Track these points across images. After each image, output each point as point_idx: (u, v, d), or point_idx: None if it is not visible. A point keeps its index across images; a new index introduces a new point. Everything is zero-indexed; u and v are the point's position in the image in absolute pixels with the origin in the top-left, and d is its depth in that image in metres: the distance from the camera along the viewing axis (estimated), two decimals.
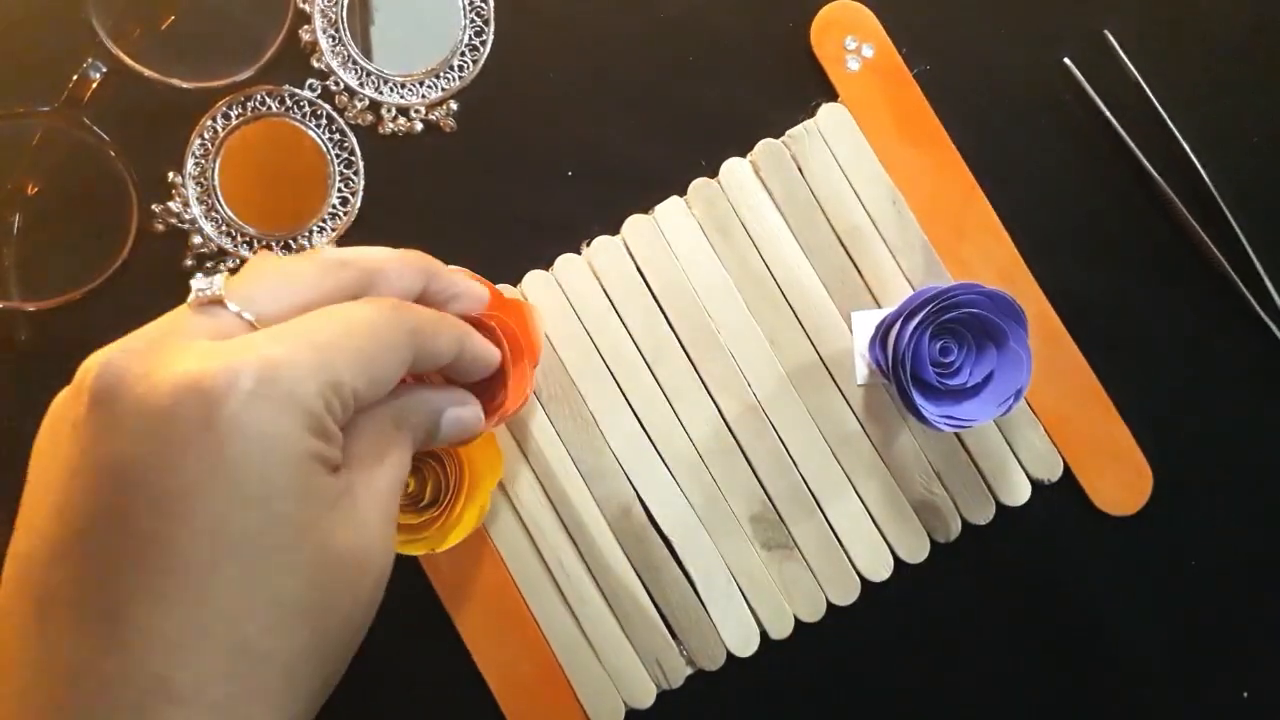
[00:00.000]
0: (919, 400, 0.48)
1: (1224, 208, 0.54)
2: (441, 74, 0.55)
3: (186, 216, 0.54)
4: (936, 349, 0.49)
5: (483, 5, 0.55)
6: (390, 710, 0.54)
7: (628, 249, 0.54)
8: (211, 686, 0.31)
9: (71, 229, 0.54)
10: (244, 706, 0.32)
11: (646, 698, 0.53)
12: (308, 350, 0.34)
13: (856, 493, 0.54)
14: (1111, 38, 0.55)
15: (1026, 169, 0.55)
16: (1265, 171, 0.55)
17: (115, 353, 0.33)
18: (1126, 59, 0.55)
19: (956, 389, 0.49)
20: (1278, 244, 0.55)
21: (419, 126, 0.55)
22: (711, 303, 0.54)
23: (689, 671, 0.54)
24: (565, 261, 0.54)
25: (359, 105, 0.54)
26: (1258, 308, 0.55)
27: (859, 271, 0.54)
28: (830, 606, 0.54)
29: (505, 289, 0.54)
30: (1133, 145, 0.55)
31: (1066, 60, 0.55)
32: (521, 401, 0.47)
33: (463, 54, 0.55)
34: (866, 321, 0.54)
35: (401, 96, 0.55)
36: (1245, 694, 0.55)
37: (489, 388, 0.46)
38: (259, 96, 0.54)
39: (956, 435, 0.54)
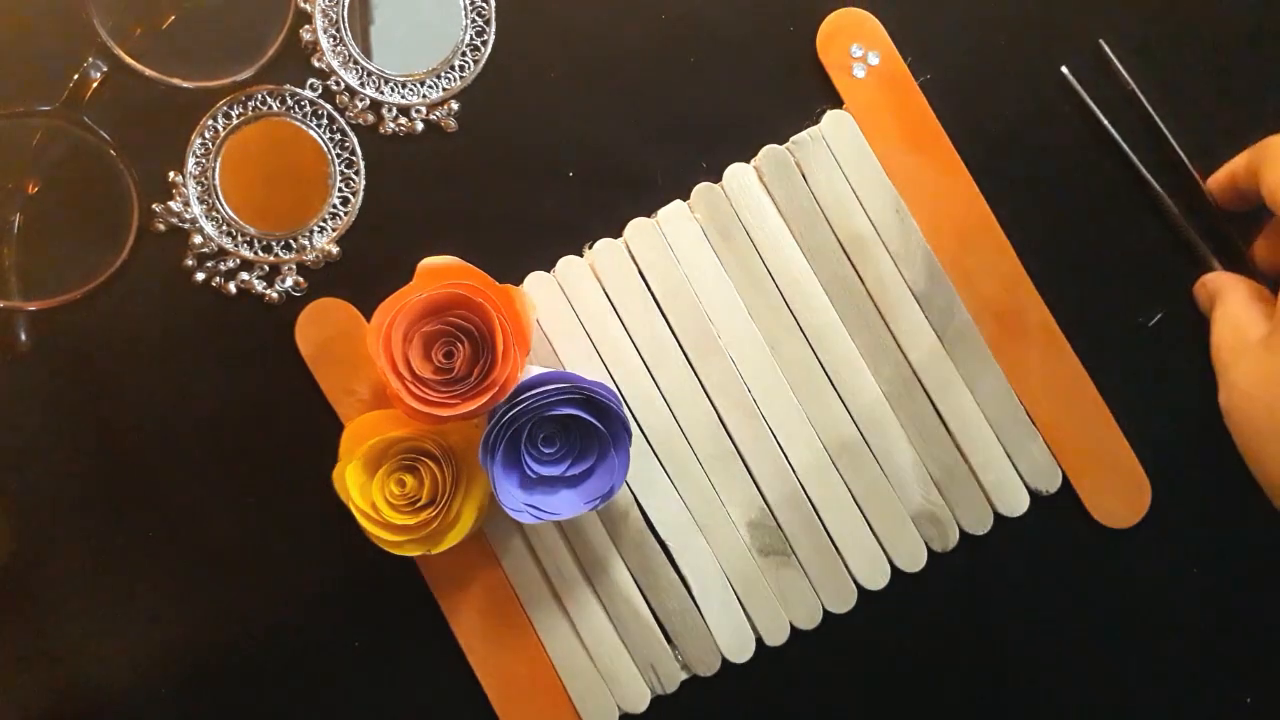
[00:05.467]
0: (504, 484, 0.48)
1: (1220, 215, 0.54)
2: (443, 74, 0.54)
3: (187, 216, 0.54)
4: (539, 439, 0.49)
5: (484, 5, 0.54)
6: (385, 711, 0.54)
7: (630, 252, 0.54)
8: None
9: (71, 229, 0.54)
10: None
11: (641, 702, 0.53)
12: None
13: (855, 500, 0.54)
14: (1107, 48, 0.54)
15: (1029, 178, 0.55)
16: None
17: None
18: (1122, 69, 0.54)
19: (550, 478, 0.49)
20: None
21: (420, 126, 0.54)
22: (713, 307, 0.54)
23: (684, 677, 0.54)
24: (567, 263, 0.54)
25: (360, 105, 0.54)
26: None
27: (861, 279, 0.54)
28: (826, 614, 0.54)
29: None
30: (1131, 154, 0.54)
31: (1064, 70, 0.54)
32: (514, 385, 0.47)
33: (464, 54, 0.54)
34: None
35: (402, 96, 0.54)
36: (1248, 699, 0.55)
37: (483, 370, 0.47)
38: (260, 96, 0.54)
39: (955, 444, 0.54)
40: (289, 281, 0.54)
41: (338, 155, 0.54)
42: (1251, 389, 0.49)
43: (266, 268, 0.54)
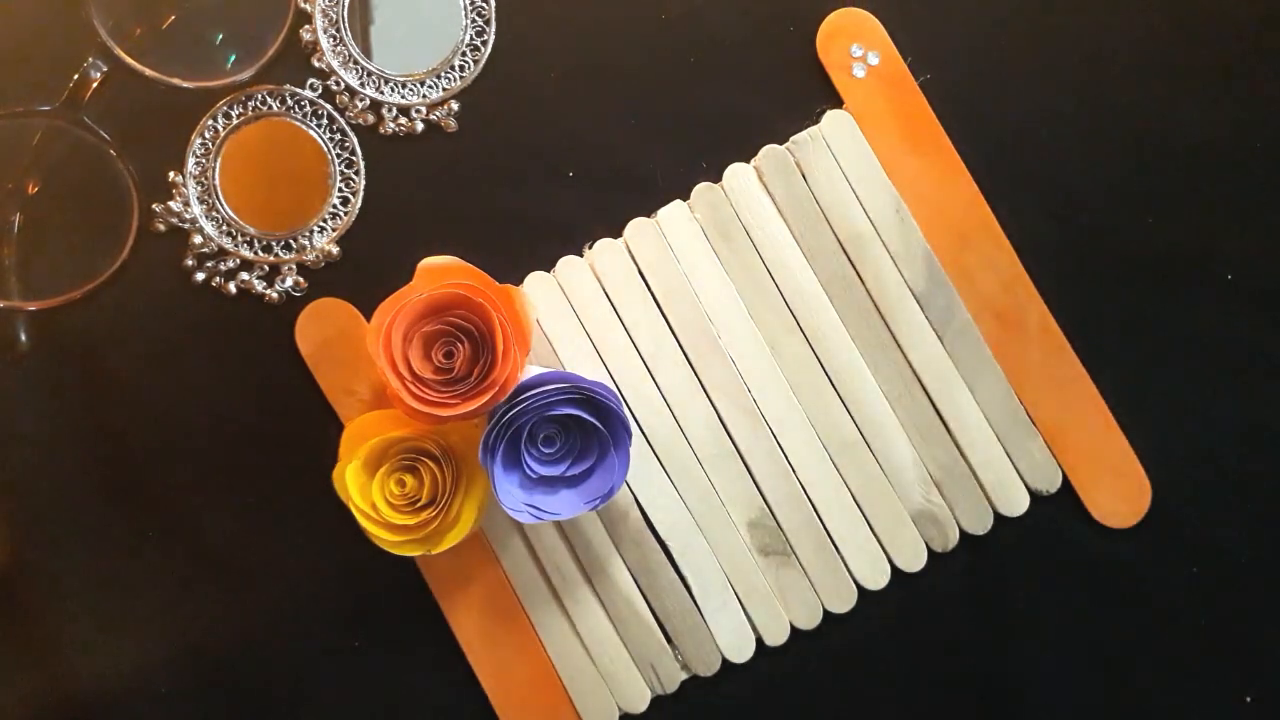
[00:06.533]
0: (504, 485, 0.48)
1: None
2: (443, 74, 0.54)
3: (187, 216, 0.54)
4: (539, 439, 0.49)
5: (484, 5, 0.54)
6: (385, 712, 0.54)
7: (630, 252, 0.54)
8: None
9: (71, 229, 0.54)
10: None
11: (641, 702, 0.53)
12: None
13: (855, 500, 0.54)
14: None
15: (1029, 178, 0.55)
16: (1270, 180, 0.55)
17: None
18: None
19: (550, 478, 0.49)
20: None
21: (420, 127, 0.54)
22: (713, 307, 0.54)
23: (684, 677, 0.54)
24: (567, 263, 0.54)
25: (360, 105, 0.54)
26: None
27: (861, 279, 0.54)
28: (826, 614, 0.54)
29: None
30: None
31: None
32: (514, 384, 0.47)
33: (464, 54, 0.54)
34: None
35: (403, 96, 0.54)
36: (1248, 699, 0.55)
37: (483, 370, 0.47)
38: (260, 96, 0.54)
39: (955, 444, 0.54)
40: (289, 281, 0.54)
41: (338, 155, 0.54)
42: None
43: (266, 268, 0.54)
